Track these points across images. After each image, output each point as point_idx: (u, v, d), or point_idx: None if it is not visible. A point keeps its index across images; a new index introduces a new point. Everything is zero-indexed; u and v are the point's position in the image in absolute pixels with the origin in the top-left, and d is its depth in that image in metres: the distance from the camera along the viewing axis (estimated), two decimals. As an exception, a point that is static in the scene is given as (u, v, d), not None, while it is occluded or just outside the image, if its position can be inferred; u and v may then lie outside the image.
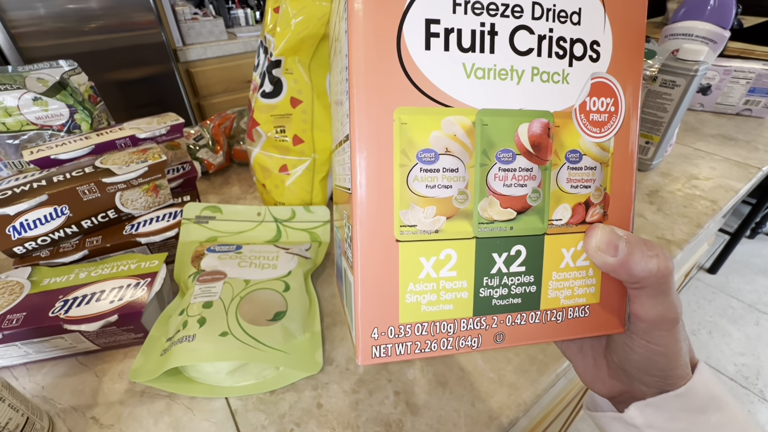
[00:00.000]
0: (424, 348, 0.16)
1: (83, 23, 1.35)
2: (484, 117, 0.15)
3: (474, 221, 0.16)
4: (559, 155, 0.16)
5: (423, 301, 0.16)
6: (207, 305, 0.34)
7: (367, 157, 0.14)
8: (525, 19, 0.15)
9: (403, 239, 0.15)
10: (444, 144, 0.15)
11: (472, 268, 0.16)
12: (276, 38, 0.40)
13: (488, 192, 0.15)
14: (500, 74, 0.15)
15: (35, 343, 0.34)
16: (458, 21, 0.14)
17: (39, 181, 0.40)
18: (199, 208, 0.45)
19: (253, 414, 0.33)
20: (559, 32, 0.15)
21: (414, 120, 0.14)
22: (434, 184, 0.15)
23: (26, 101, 0.52)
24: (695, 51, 0.55)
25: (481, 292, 0.16)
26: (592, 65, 0.16)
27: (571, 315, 0.17)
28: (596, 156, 0.17)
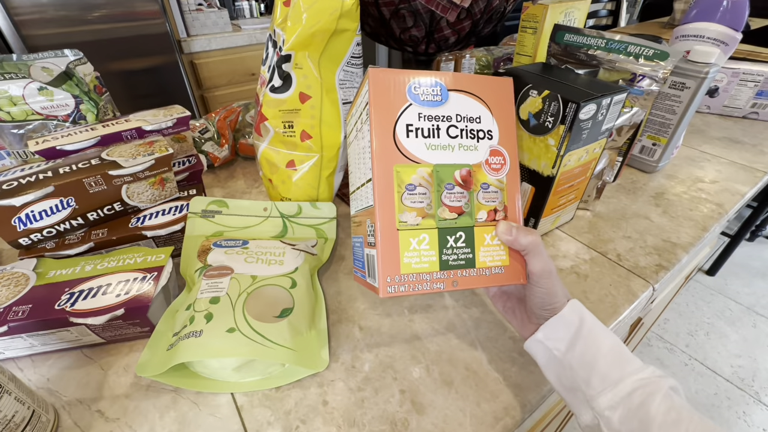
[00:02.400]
0: (414, 288, 0.28)
1: (86, 11, 1.33)
2: (435, 168, 0.29)
3: (436, 219, 0.29)
4: (477, 185, 0.30)
5: (412, 262, 0.28)
6: (214, 301, 0.34)
7: (382, 189, 0.28)
8: (452, 122, 0.30)
9: (401, 228, 0.28)
10: (418, 181, 0.29)
11: (437, 244, 0.29)
12: (286, 33, 0.40)
13: (442, 204, 0.29)
14: (443, 147, 0.30)
15: (41, 335, 0.34)
16: (420, 124, 0.29)
17: (45, 172, 0.40)
18: (205, 202, 0.45)
19: (258, 410, 0.33)
20: (470, 127, 0.30)
21: (403, 170, 0.28)
22: (414, 201, 0.29)
23: (31, 91, 0.51)
24: (706, 53, 0.54)
25: (443, 257, 0.29)
26: (489, 141, 0.31)
27: (494, 271, 0.31)
28: (497, 186, 0.31)
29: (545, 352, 0.31)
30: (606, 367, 0.27)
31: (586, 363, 0.28)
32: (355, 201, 0.35)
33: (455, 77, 0.30)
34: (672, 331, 1.46)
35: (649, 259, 0.48)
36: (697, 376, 1.30)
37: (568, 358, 0.29)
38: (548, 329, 0.30)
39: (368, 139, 0.29)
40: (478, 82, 0.31)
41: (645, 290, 0.44)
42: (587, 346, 0.29)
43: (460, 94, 0.30)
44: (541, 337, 0.30)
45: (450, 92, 0.30)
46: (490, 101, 0.31)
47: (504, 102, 0.32)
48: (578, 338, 0.29)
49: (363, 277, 0.32)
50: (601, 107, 0.40)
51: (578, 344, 0.29)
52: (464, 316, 0.41)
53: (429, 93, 0.29)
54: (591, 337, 0.29)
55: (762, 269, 1.70)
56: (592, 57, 0.50)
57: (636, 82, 0.46)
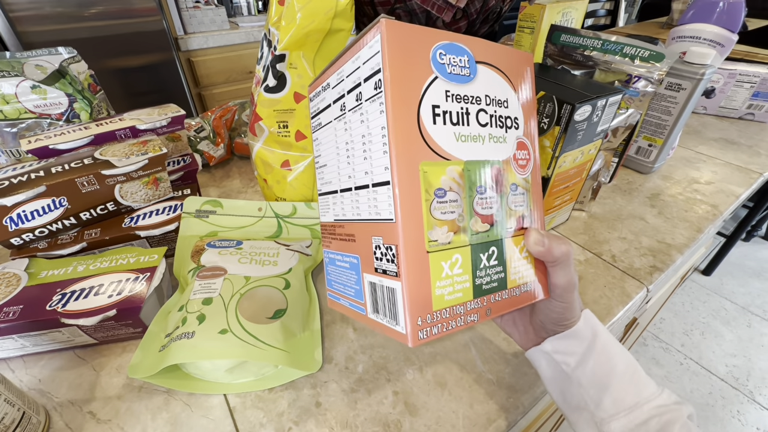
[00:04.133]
0: (448, 326, 0.21)
1: (83, 8, 1.32)
2: (466, 166, 0.22)
3: (468, 233, 0.22)
4: (507, 187, 0.24)
5: (445, 292, 0.21)
6: (207, 302, 0.34)
7: (406, 194, 0.20)
8: (482, 105, 0.23)
9: (431, 250, 0.21)
10: (448, 184, 0.21)
11: (470, 265, 0.22)
12: (281, 32, 0.39)
13: (474, 213, 0.23)
14: (473, 138, 0.23)
15: (32, 336, 0.34)
16: (449, 106, 0.22)
17: (37, 171, 0.40)
18: (199, 202, 0.45)
19: (251, 411, 0.33)
20: (499, 113, 0.24)
21: (430, 169, 0.21)
22: (445, 211, 0.21)
23: (24, 89, 0.51)
24: (702, 54, 0.54)
25: (477, 281, 0.23)
26: (516, 131, 0.25)
27: (523, 290, 0.25)
28: (524, 186, 0.25)
29: (551, 365, 0.28)
30: (620, 390, 0.26)
31: (598, 382, 0.26)
32: (336, 205, 0.27)
33: (482, 45, 0.23)
34: (667, 330, 1.46)
35: (643, 261, 0.48)
36: (692, 375, 1.31)
37: (577, 374, 0.27)
38: (558, 342, 0.28)
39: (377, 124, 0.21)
40: (503, 55, 0.24)
41: (639, 291, 0.44)
42: (599, 364, 0.26)
43: (488, 68, 0.23)
44: (549, 349, 0.28)
45: (478, 65, 0.23)
46: (515, 80, 0.24)
47: (527, 82, 0.26)
48: (590, 354, 0.26)
49: (361, 312, 0.24)
50: (596, 108, 0.39)
51: (590, 360, 0.26)
52: (458, 317, 0.41)
53: (457, 64, 0.22)
54: (604, 353, 0.26)
55: (757, 269, 1.71)
56: (588, 58, 0.49)
57: (632, 83, 0.46)
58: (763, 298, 1.58)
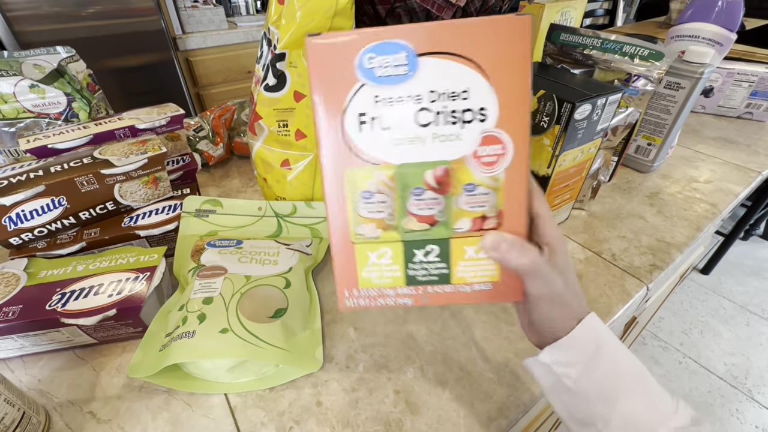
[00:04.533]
0: (375, 302, 0.26)
1: (81, 8, 1.32)
2: (398, 169, 0.23)
3: (400, 231, 0.24)
4: (457, 187, 0.23)
5: (372, 277, 0.25)
6: (207, 301, 0.34)
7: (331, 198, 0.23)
8: (424, 102, 0.22)
9: (356, 242, 0.24)
10: (376, 187, 0.23)
11: (402, 258, 0.25)
12: (280, 31, 0.39)
13: (407, 214, 0.24)
14: (410, 140, 0.22)
15: (32, 336, 0.34)
16: (378, 111, 0.22)
17: (36, 171, 0.40)
18: (199, 202, 0.44)
19: (252, 411, 0.33)
20: (450, 107, 0.22)
21: (355, 175, 0.23)
22: (372, 210, 0.24)
23: (23, 88, 0.50)
24: (701, 53, 0.54)
25: (409, 272, 0.25)
26: (482, 124, 0.22)
27: (476, 288, 0.26)
28: (489, 185, 0.23)
29: (551, 377, 0.25)
30: (632, 408, 0.23)
31: (606, 397, 0.23)
32: None
33: (430, 31, 0.20)
34: (666, 329, 1.47)
35: (643, 259, 0.48)
36: (690, 374, 1.31)
37: (582, 387, 0.24)
38: (556, 352, 0.25)
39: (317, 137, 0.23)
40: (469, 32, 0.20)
41: (639, 290, 0.44)
42: (606, 377, 0.24)
43: (437, 58, 0.21)
44: (548, 361, 0.25)
45: (421, 58, 0.21)
46: (486, 60, 0.20)
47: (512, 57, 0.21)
48: (595, 364, 0.24)
49: None
50: (596, 107, 0.40)
51: (595, 372, 0.24)
52: (459, 316, 0.41)
53: (389, 64, 0.21)
54: (611, 364, 0.24)
55: (755, 268, 1.72)
56: (588, 57, 0.50)
57: (631, 82, 0.47)
58: (761, 296, 1.58)
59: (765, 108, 0.83)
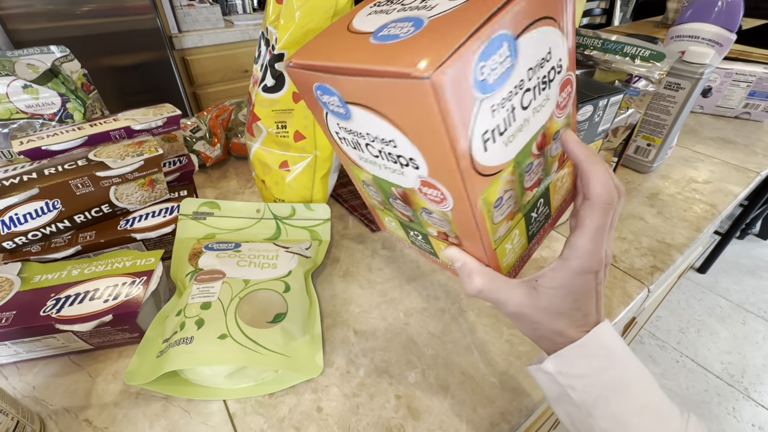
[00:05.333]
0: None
1: (75, 6, 1.30)
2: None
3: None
4: (418, 208, 0.24)
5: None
6: (205, 306, 0.33)
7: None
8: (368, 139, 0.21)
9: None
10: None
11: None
12: (279, 31, 0.39)
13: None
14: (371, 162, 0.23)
15: (26, 342, 0.33)
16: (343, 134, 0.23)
17: (29, 173, 0.39)
18: (196, 204, 0.44)
19: (251, 417, 0.32)
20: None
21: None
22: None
23: (15, 89, 0.50)
24: (701, 54, 0.54)
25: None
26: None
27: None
28: (441, 215, 0.23)
29: (555, 387, 0.24)
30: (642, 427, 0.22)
31: (613, 415, 0.22)
32: None
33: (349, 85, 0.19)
34: (664, 328, 1.47)
35: (644, 261, 0.48)
36: (688, 372, 1.32)
37: (587, 401, 0.23)
38: (562, 362, 0.24)
39: None
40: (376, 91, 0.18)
41: (640, 292, 0.44)
42: (614, 392, 0.22)
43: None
44: (552, 371, 0.24)
45: (350, 105, 0.20)
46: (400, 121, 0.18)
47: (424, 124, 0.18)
48: (602, 378, 0.23)
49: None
50: (597, 108, 0.39)
51: (602, 387, 0.23)
52: (460, 319, 0.40)
53: (333, 103, 0.21)
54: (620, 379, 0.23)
55: (751, 267, 1.73)
56: (588, 57, 0.49)
57: (632, 83, 0.46)
58: (758, 295, 1.59)
59: (763, 108, 0.83)
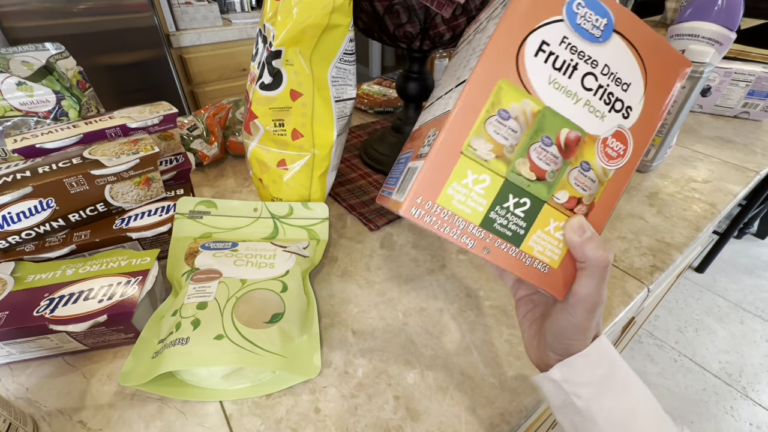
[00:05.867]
0: (441, 227, 0.22)
1: (72, 4, 1.29)
2: (545, 110, 0.22)
3: (509, 167, 0.23)
4: (578, 160, 0.23)
5: (455, 197, 0.22)
6: (201, 306, 0.33)
7: (472, 95, 0.22)
8: (597, 71, 0.23)
9: (465, 154, 0.22)
10: (516, 112, 0.22)
11: (494, 195, 0.23)
12: (276, 27, 0.38)
13: (526, 155, 0.23)
14: (568, 92, 0.23)
15: (19, 343, 0.33)
16: (559, 51, 0.22)
17: (23, 171, 0.38)
18: (193, 203, 0.43)
19: (248, 419, 0.32)
20: (611, 89, 0.23)
21: (507, 89, 0.22)
22: (499, 132, 0.22)
23: (9, 86, 0.49)
24: (701, 52, 0.54)
25: (491, 214, 0.23)
26: (622, 119, 0.23)
27: (536, 264, 0.24)
28: (599, 175, 0.24)
29: (560, 395, 0.25)
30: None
31: (617, 423, 0.23)
32: (427, 113, 0.29)
33: (629, 18, 0.22)
34: (662, 327, 1.47)
35: (643, 260, 0.48)
36: (686, 372, 1.32)
37: (592, 409, 0.24)
38: (568, 370, 0.25)
39: (486, 35, 0.23)
40: (652, 42, 0.23)
41: (640, 291, 0.44)
42: (618, 402, 0.23)
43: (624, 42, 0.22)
44: (558, 378, 0.25)
45: (615, 34, 0.22)
46: (652, 72, 0.23)
47: (666, 82, 0.24)
48: (607, 388, 0.24)
49: (389, 195, 0.26)
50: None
51: (607, 396, 0.24)
52: (459, 319, 0.40)
53: (591, 20, 0.22)
54: (624, 390, 0.24)
55: (749, 266, 1.73)
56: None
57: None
58: (755, 294, 1.60)
59: (761, 107, 0.83)
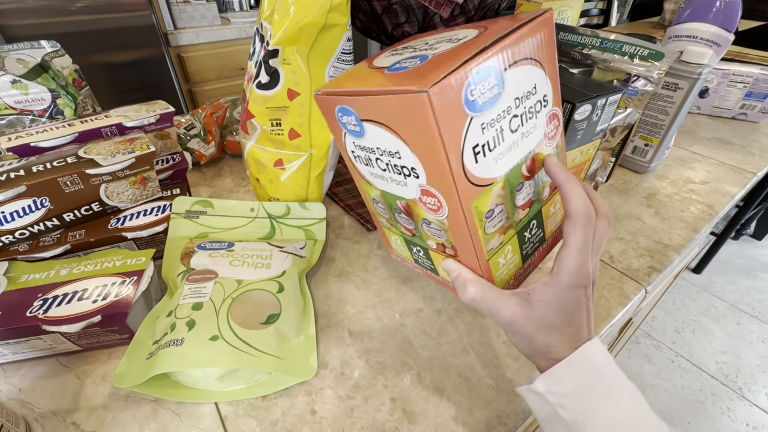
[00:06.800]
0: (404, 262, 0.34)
1: (69, 2, 1.29)
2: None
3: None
4: (419, 218, 0.27)
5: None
6: (197, 307, 0.33)
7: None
8: (376, 155, 0.25)
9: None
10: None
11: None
12: (273, 26, 0.38)
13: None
14: (380, 177, 0.27)
15: (11, 344, 0.32)
16: (358, 152, 0.26)
17: (17, 170, 0.38)
18: (189, 203, 0.43)
19: (243, 420, 0.31)
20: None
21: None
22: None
23: (4, 83, 0.49)
24: (699, 54, 0.54)
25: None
26: (416, 180, 0.24)
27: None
28: (439, 224, 0.26)
29: (545, 407, 0.24)
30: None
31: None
32: None
33: (365, 103, 0.23)
34: (659, 328, 1.48)
35: (641, 261, 0.48)
36: (683, 372, 1.32)
37: (576, 420, 0.23)
38: (552, 381, 0.24)
39: None
40: (386, 107, 0.22)
41: (638, 293, 0.44)
42: (605, 411, 0.22)
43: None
44: (542, 390, 0.24)
45: (364, 123, 0.24)
46: (403, 133, 0.22)
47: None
48: (593, 398, 0.23)
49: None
50: (596, 108, 0.39)
51: (592, 406, 0.23)
52: (456, 320, 0.40)
53: (349, 123, 0.24)
54: (610, 398, 0.23)
55: (746, 267, 1.74)
56: (587, 56, 0.49)
57: (630, 82, 0.46)
58: (752, 295, 1.60)
59: (759, 109, 0.83)
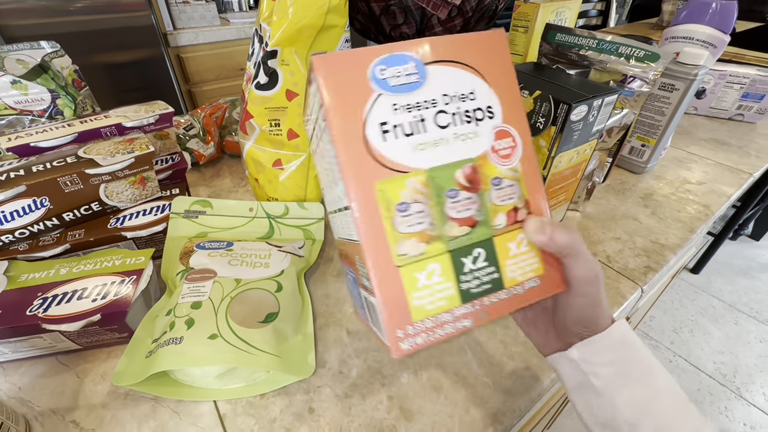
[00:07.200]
0: (434, 334, 0.21)
1: (69, 2, 1.29)
2: (430, 173, 0.22)
3: (444, 240, 0.22)
4: (486, 183, 0.23)
5: (425, 303, 0.21)
6: (195, 305, 0.33)
7: (365, 219, 0.21)
8: (439, 106, 0.22)
9: (401, 264, 0.21)
10: (412, 196, 0.21)
11: (452, 271, 0.22)
12: (272, 27, 0.38)
13: (447, 219, 0.22)
14: (435, 143, 0.22)
15: (11, 342, 0.32)
16: (398, 119, 0.22)
17: (17, 170, 0.38)
18: (188, 202, 0.43)
19: (242, 418, 0.32)
20: (463, 108, 0.23)
21: (387, 187, 0.21)
22: (412, 223, 0.21)
23: (4, 84, 0.49)
24: (696, 55, 0.54)
25: (462, 286, 0.22)
26: (491, 121, 0.23)
27: (527, 286, 0.24)
28: (512, 177, 0.24)
29: (577, 375, 0.25)
30: (663, 418, 0.23)
31: (636, 404, 0.23)
32: (335, 225, 0.28)
33: (433, 44, 0.22)
34: (657, 328, 1.48)
35: (637, 261, 0.48)
36: (681, 372, 1.33)
37: (609, 389, 0.24)
38: (587, 349, 0.25)
39: (332, 153, 0.22)
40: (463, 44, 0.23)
41: (634, 292, 0.44)
42: (637, 382, 0.23)
43: (441, 66, 0.22)
44: (576, 357, 0.25)
45: (428, 67, 0.22)
46: (481, 66, 0.23)
47: (500, 63, 0.24)
48: (627, 369, 0.24)
49: (365, 319, 0.25)
50: (592, 108, 0.39)
51: (627, 379, 0.24)
52: (454, 319, 0.40)
53: (401, 74, 0.22)
54: (645, 371, 0.24)
55: (744, 267, 1.74)
56: (584, 57, 0.49)
57: (627, 83, 0.46)
58: (750, 295, 1.61)
59: (756, 110, 0.83)
